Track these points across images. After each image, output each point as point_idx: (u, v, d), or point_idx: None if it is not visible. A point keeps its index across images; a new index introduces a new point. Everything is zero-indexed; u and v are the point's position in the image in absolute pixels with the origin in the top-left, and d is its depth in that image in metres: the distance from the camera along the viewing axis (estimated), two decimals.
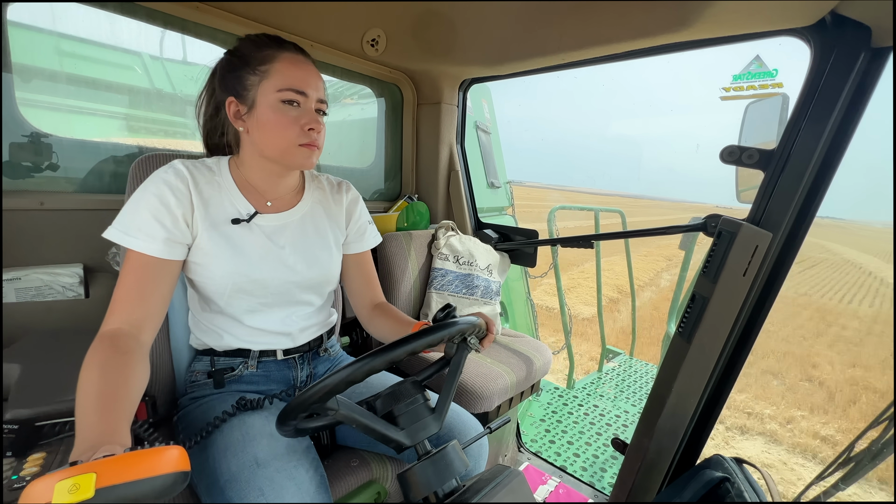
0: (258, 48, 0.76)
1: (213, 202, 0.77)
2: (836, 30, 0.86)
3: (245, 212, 0.80)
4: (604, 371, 3.03)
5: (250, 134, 0.77)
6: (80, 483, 0.37)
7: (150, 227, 0.69)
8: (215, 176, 0.79)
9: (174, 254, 0.72)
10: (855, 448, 0.87)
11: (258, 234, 0.81)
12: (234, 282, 0.78)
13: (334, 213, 0.93)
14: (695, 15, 0.94)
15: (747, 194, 1.06)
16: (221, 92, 0.78)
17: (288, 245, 0.84)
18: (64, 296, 0.97)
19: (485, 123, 2.35)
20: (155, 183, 0.72)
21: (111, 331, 0.64)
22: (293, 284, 0.85)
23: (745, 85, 1.13)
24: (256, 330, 0.84)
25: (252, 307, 0.82)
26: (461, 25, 1.27)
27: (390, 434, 0.58)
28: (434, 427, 0.62)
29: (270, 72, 0.74)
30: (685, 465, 1.11)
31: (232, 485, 0.64)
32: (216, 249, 0.76)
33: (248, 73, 0.75)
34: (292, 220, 0.86)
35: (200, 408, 0.80)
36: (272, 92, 0.74)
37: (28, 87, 0.98)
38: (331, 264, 0.90)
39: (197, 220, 0.74)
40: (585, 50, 1.23)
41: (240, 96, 0.76)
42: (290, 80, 0.75)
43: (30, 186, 0.98)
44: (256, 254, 0.80)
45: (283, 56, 0.76)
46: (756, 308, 1.01)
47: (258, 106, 0.75)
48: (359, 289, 0.99)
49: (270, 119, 0.75)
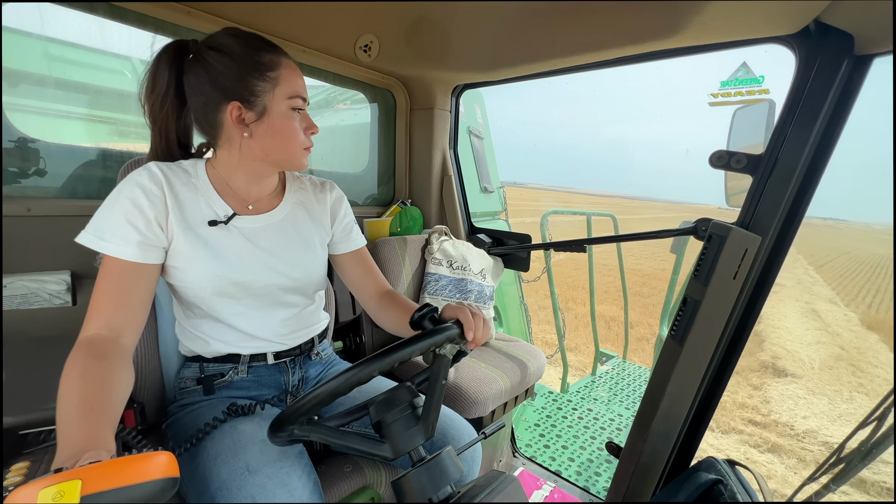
0: (256, 50, 0.73)
1: (188, 204, 0.75)
2: (820, 38, 0.88)
3: (223, 213, 0.78)
4: (597, 374, 3.04)
5: (253, 139, 0.75)
6: (65, 490, 0.36)
7: (123, 230, 0.68)
8: (191, 178, 0.77)
9: (149, 257, 0.70)
10: (845, 448, 0.88)
11: (237, 235, 0.79)
12: (213, 285, 0.76)
13: (318, 213, 0.92)
14: (683, 22, 0.96)
15: (736, 198, 1.07)
16: (219, 95, 0.72)
17: (269, 247, 0.82)
18: (51, 303, 0.95)
19: (478, 128, 2.36)
20: (128, 185, 0.70)
21: (90, 336, 0.63)
22: (276, 287, 0.83)
23: (733, 91, 1.15)
24: (243, 334, 0.83)
25: (236, 310, 0.81)
26: (454, 31, 1.28)
27: (374, 451, 0.58)
28: (420, 438, 0.60)
29: (280, 79, 0.74)
30: (679, 468, 1.12)
31: (222, 492, 0.63)
32: (193, 252, 0.74)
33: (257, 80, 0.72)
34: (273, 222, 0.84)
35: (190, 415, 0.79)
36: (284, 100, 0.74)
37: (15, 91, 0.97)
38: (315, 265, 0.89)
39: (172, 223, 0.73)
40: (577, 56, 1.24)
41: (247, 102, 0.72)
42: (296, 88, 0.75)
43: (16, 192, 0.97)
44: (235, 256, 0.78)
45: (285, 62, 0.75)
46: (746, 310, 1.02)
47: (271, 114, 0.74)
48: (362, 282, 0.97)
49: (284, 127, 0.75)
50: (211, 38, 0.74)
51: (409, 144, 1.80)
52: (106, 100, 1.13)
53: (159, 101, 0.75)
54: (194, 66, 0.73)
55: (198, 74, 0.73)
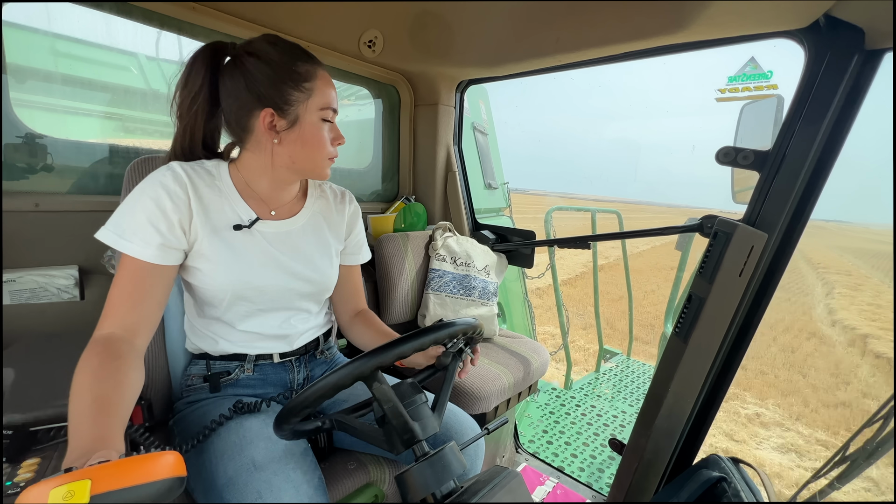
0: (293, 60, 0.74)
1: (213, 207, 0.75)
2: (829, 32, 0.87)
3: (247, 217, 0.79)
4: (601, 371, 3.04)
5: (282, 146, 0.76)
6: (75, 490, 0.37)
7: (145, 231, 0.68)
8: (215, 180, 0.77)
9: (169, 259, 0.70)
10: (850, 447, 0.87)
11: (259, 240, 0.80)
12: (234, 289, 0.77)
13: (335, 222, 0.93)
14: (690, 17, 0.95)
15: (743, 195, 1.07)
16: (254, 100, 0.73)
17: (290, 252, 0.83)
18: (59, 298, 0.96)
19: (482, 125, 2.35)
20: (152, 186, 0.70)
21: (105, 336, 0.63)
22: (293, 292, 0.84)
23: (741, 86, 1.13)
24: (252, 334, 0.84)
25: (249, 312, 0.82)
26: (458, 27, 1.28)
27: (384, 441, 0.59)
28: (435, 426, 0.62)
29: (314, 90, 0.75)
30: (682, 465, 1.11)
31: (229, 488, 0.63)
32: (218, 255, 0.75)
33: (292, 89, 0.73)
34: (294, 228, 0.85)
35: (196, 412, 0.80)
36: (316, 111, 0.75)
37: (23, 87, 0.98)
38: (331, 273, 0.90)
39: (196, 226, 0.73)
40: (582, 51, 1.23)
41: (280, 110, 0.73)
42: (329, 100, 0.77)
43: (25, 188, 0.97)
44: (258, 261, 0.79)
45: (321, 73, 0.77)
46: (752, 308, 1.01)
47: (303, 123, 0.75)
48: (345, 297, 0.99)
49: (315, 137, 0.76)
50: (250, 43, 0.75)
51: (413, 140, 1.80)
52: (113, 96, 1.13)
53: (189, 100, 0.75)
54: (231, 69, 0.74)
55: (234, 78, 0.73)
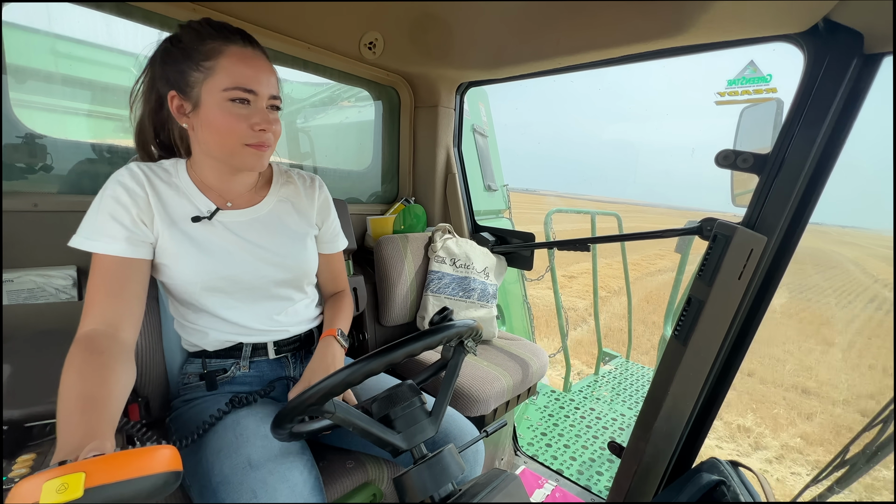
0: (201, 40, 0.70)
1: (171, 203, 0.75)
2: (829, 36, 0.87)
3: (205, 209, 0.78)
4: (600, 374, 3.03)
5: (195, 132, 0.74)
6: (69, 482, 0.36)
7: (109, 227, 0.68)
8: (172, 177, 0.77)
9: (138, 252, 0.71)
10: (850, 451, 0.87)
11: (222, 230, 0.79)
12: (202, 280, 0.77)
13: (305, 206, 0.91)
14: (690, 20, 0.95)
15: (742, 198, 1.07)
16: (163, 84, 0.72)
17: (258, 240, 0.82)
18: (57, 298, 0.96)
19: (482, 126, 2.35)
20: (111, 185, 0.71)
21: (86, 333, 0.63)
22: (267, 279, 0.83)
23: (740, 90, 1.13)
24: (239, 326, 0.83)
25: (229, 304, 0.81)
26: (458, 29, 1.28)
27: (387, 437, 0.58)
28: (430, 431, 0.62)
29: (216, 69, 0.69)
30: (681, 468, 1.11)
31: (224, 487, 0.63)
32: (179, 249, 0.75)
33: (191, 69, 0.69)
34: (259, 215, 0.84)
35: (193, 409, 0.80)
36: (218, 91, 0.69)
37: (22, 87, 0.98)
38: (305, 258, 0.89)
39: (156, 221, 0.73)
40: (582, 54, 1.23)
41: (183, 92, 0.71)
42: (237, 79, 0.69)
43: (23, 188, 0.97)
44: (223, 251, 0.78)
45: (230, 50, 0.70)
46: (751, 311, 1.01)
47: (203, 105, 0.70)
48: (324, 282, 1.02)
49: (217, 119, 0.70)
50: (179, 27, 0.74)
51: (413, 142, 1.80)
52: (112, 96, 1.13)
53: (131, 98, 0.77)
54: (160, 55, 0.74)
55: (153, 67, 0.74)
